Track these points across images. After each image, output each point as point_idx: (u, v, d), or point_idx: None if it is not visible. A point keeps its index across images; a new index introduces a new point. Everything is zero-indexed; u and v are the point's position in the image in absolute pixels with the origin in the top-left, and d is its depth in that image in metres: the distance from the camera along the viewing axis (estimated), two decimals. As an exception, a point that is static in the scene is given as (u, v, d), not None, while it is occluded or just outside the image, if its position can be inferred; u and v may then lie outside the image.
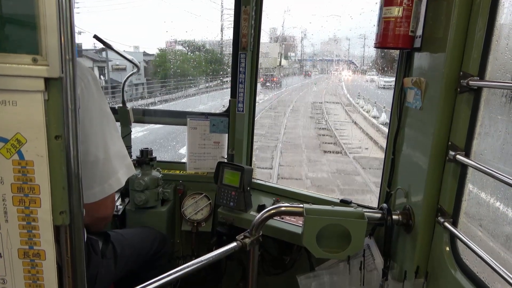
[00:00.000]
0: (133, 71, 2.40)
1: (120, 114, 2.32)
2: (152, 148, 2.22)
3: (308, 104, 22.62)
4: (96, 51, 21.55)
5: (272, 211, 1.45)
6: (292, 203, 1.81)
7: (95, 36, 2.04)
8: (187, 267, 1.25)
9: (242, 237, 1.43)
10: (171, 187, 2.30)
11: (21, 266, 0.81)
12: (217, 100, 19.28)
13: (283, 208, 1.50)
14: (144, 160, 2.15)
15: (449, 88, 1.18)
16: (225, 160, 2.34)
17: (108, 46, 2.12)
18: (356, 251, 1.45)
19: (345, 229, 1.37)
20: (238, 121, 2.27)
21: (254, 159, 2.50)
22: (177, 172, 2.44)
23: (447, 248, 1.23)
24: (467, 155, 1.17)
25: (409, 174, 1.45)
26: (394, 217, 1.41)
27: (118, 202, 2.27)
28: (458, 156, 1.17)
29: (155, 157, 2.20)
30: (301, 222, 1.64)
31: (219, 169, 2.12)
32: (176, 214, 2.36)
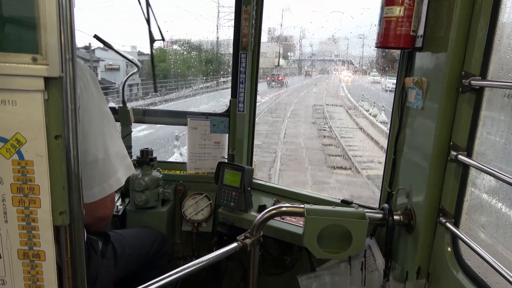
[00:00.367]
0: (134, 71, 2.39)
1: (120, 114, 2.32)
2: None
3: (309, 108, 21.36)
4: (88, 51, 21.35)
5: (273, 212, 1.45)
6: (293, 204, 1.81)
7: (96, 36, 2.04)
8: (188, 268, 1.24)
9: (243, 238, 1.42)
10: (172, 187, 2.29)
11: (21, 267, 0.81)
12: (210, 103, 18.10)
13: (284, 209, 1.49)
14: (145, 160, 2.14)
15: (451, 88, 1.18)
16: (226, 160, 2.34)
17: (109, 46, 2.12)
18: (357, 252, 1.44)
19: (346, 230, 1.36)
20: (239, 121, 2.26)
21: (255, 159, 2.50)
22: (178, 172, 2.43)
23: (449, 249, 1.22)
24: (469, 155, 1.16)
25: (411, 174, 1.44)
26: (396, 218, 1.40)
27: (118, 203, 2.26)
28: (460, 156, 1.16)
29: (156, 157, 2.20)
30: (302, 223, 1.64)
31: (220, 169, 2.12)
32: (177, 215, 2.36)
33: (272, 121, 16.81)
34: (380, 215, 1.43)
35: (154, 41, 2.05)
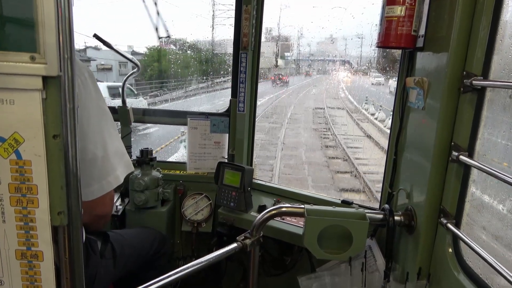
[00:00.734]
0: (134, 71, 2.39)
1: (120, 114, 2.31)
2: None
3: (309, 110, 19.46)
4: (79, 50, 21.02)
5: (273, 212, 1.44)
6: (293, 204, 1.80)
7: (95, 35, 2.03)
8: (187, 268, 1.24)
9: (243, 238, 1.42)
10: (171, 187, 2.29)
11: (19, 267, 0.80)
12: (204, 106, 16.76)
13: (284, 209, 1.48)
14: (144, 160, 2.13)
15: (452, 88, 1.17)
16: (226, 160, 2.33)
17: (108, 46, 2.11)
18: (358, 252, 1.43)
19: (347, 230, 1.35)
20: (239, 121, 2.26)
21: (255, 160, 2.49)
22: (177, 172, 2.43)
23: (450, 250, 1.22)
24: (470, 156, 1.16)
25: (411, 175, 1.44)
26: (396, 218, 1.40)
27: (118, 202, 2.26)
28: (461, 157, 1.16)
29: (155, 157, 2.19)
30: (302, 223, 1.63)
31: (220, 169, 2.11)
32: (176, 215, 2.35)
33: (269, 128, 14.62)
34: (381, 216, 1.42)
35: (160, 38, 2.03)
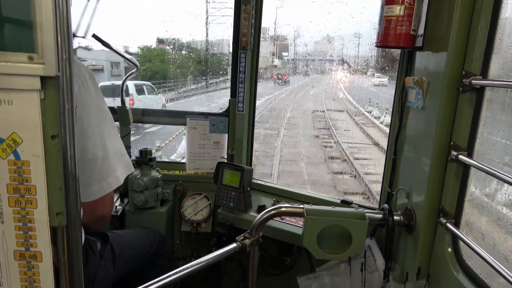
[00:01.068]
0: (133, 71, 2.38)
1: (120, 114, 2.31)
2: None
3: (308, 113, 18.19)
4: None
5: (272, 212, 1.44)
6: (293, 204, 1.80)
7: (94, 36, 2.03)
8: (187, 268, 1.24)
9: (242, 238, 1.41)
10: (171, 188, 2.28)
11: (17, 268, 0.80)
12: (195, 108, 15.50)
13: (283, 209, 1.48)
14: (144, 160, 2.13)
15: (451, 88, 1.17)
16: (225, 160, 2.33)
17: (107, 46, 2.11)
18: (357, 252, 1.43)
19: (346, 230, 1.35)
20: (238, 121, 2.26)
21: (254, 160, 2.49)
22: (177, 173, 2.42)
23: (449, 249, 1.22)
24: (470, 155, 1.16)
25: (411, 174, 1.44)
26: (396, 218, 1.40)
27: (117, 203, 2.25)
28: (461, 156, 1.15)
29: (155, 158, 2.19)
30: (302, 223, 1.63)
31: (219, 170, 2.11)
32: (176, 215, 2.35)
33: (264, 136, 12.78)
34: (380, 216, 1.42)
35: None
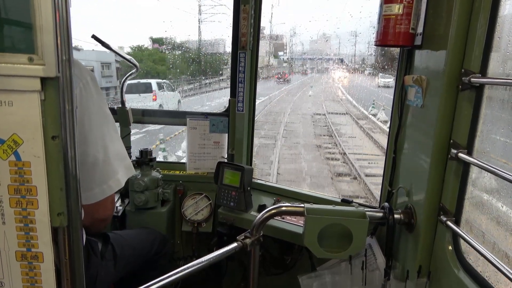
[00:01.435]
0: (132, 71, 2.39)
1: (119, 115, 2.31)
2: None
3: (307, 117, 16.48)
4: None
5: (273, 211, 1.44)
6: (293, 203, 1.80)
7: (93, 36, 2.03)
8: (188, 268, 1.24)
9: (243, 238, 1.42)
10: (171, 188, 2.29)
11: (19, 269, 0.80)
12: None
13: (284, 208, 1.48)
14: (144, 161, 2.14)
15: (451, 86, 1.17)
16: (225, 160, 2.33)
17: (107, 46, 2.11)
18: (358, 251, 1.44)
19: (347, 229, 1.36)
20: (238, 121, 2.26)
21: (254, 159, 2.49)
22: (177, 173, 2.43)
23: (450, 247, 1.22)
24: (469, 153, 1.16)
25: (411, 173, 1.44)
26: (396, 216, 1.40)
27: (118, 203, 2.25)
28: (460, 154, 1.16)
29: (155, 158, 2.19)
30: (302, 222, 1.63)
31: (219, 169, 2.11)
32: (176, 215, 2.35)
33: (259, 146, 11.02)
34: (381, 214, 1.42)
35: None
